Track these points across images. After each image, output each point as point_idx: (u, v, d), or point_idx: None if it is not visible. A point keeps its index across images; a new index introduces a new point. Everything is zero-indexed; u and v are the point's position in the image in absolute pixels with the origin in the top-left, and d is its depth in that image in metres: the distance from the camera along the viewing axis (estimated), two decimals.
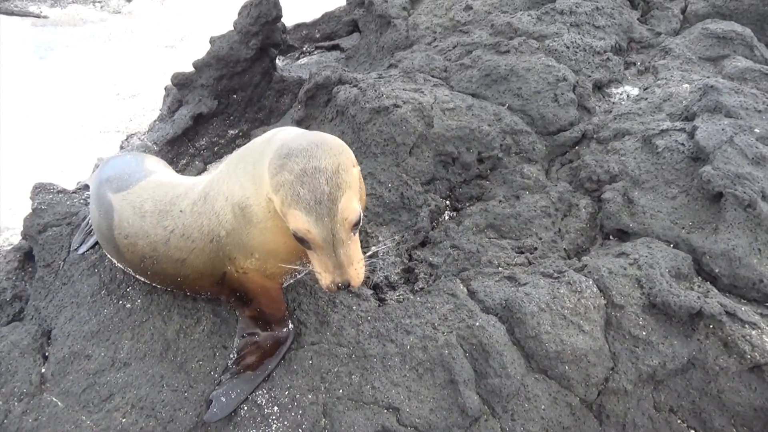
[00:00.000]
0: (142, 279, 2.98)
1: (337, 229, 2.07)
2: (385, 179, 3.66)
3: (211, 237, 2.58)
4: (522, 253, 3.27)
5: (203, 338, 2.82)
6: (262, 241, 2.46)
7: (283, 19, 5.90)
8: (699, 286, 2.86)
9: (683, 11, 5.12)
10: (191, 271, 2.70)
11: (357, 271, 2.14)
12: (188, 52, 7.94)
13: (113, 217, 2.86)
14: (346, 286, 2.13)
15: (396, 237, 3.53)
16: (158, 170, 3.08)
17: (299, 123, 4.84)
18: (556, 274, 2.92)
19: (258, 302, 2.69)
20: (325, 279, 2.14)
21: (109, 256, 3.12)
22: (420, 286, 3.20)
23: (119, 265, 3.07)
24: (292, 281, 2.88)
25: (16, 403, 2.68)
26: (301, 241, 2.13)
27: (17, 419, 2.63)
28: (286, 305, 2.78)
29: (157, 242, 2.71)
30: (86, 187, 4.12)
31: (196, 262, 2.66)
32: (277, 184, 2.12)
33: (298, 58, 7.14)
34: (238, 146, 6.10)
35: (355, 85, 4.18)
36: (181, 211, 2.68)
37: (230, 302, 2.80)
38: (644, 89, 4.26)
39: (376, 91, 3.99)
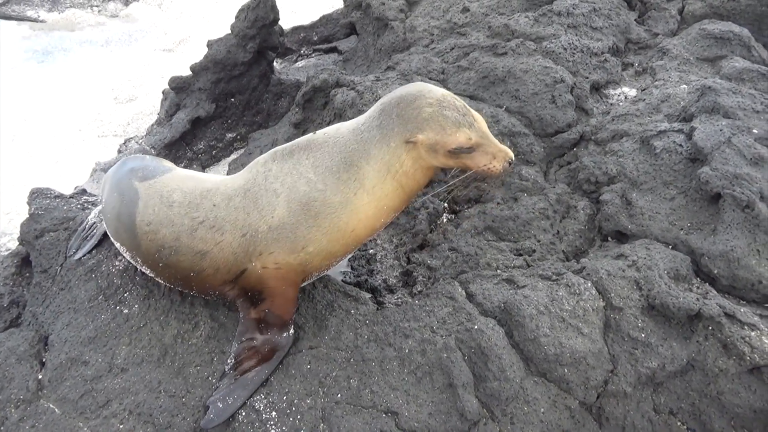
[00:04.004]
0: (148, 271, 2.94)
1: (484, 126, 2.56)
2: None
3: (244, 231, 2.64)
4: (520, 255, 3.26)
5: (201, 343, 2.81)
6: (326, 232, 2.60)
7: (280, 22, 5.91)
8: (698, 288, 2.85)
9: (680, 12, 5.12)
10: (209, 264, 2.70)
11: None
12: (186, 56, 7.96)
13: (137, 204, 2.87)
14: (512, 162, 2.58)
15: (394, 240, 3.52)
16: (178, 168, 3.17)
17: (297, 126, 4.84)
18: (554, 277, 2.91)
19: (271, 302, 2.69)
20: (498, 163, 2.55)
21: (118, 245, 3.06)
22: (418, 290, 3.20)
23: (127, 255, 3.02)
24: (309, 282, 2.88)
25: (12, 410, 2.67)
26: (460, 151, 2.51)
27: (14, 426, 2.61)
28: (296, 309, 2.78)
29: (182, 232, 2.73)
30: (83, 191, 4.11)
31: (218, 256, 2.68)
32: (423, 122, 2.50)
33: (295, 61, 7.15)
34: (236, 149, 6.10)
35: (353, 88, 4.18)
36: (214, 204, 2.73)
37: (237, 302, 2.78)
38: (642, 90, 4.25)
39: (373, 93, 3.99)
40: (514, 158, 2.57)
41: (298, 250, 2.61)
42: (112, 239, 3.12)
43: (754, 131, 3.27)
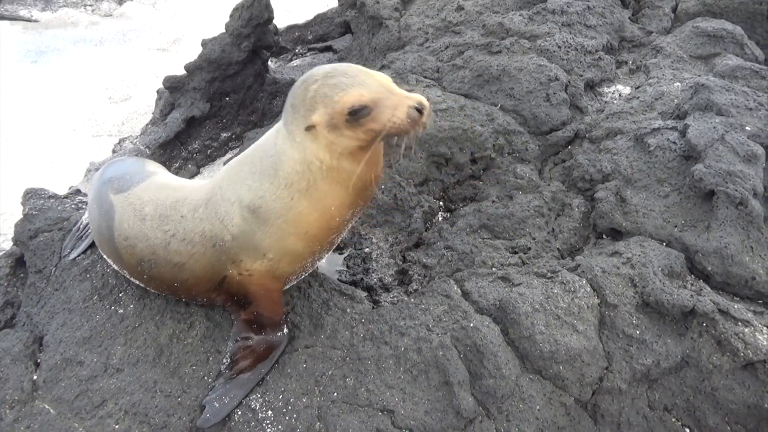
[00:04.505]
0: (137, 282, 2.96)
1: (384, 81, 2.27)
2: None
3: (213, 242, 2.59)
4: (516, 253, 3.27)
5: (196, 343, 2.81)
6: (280, 237, 2.49)
7: (275, 21, 5.89)
8: (692, 285, 2.87)
9: (674, 10, 5.14)
10: (189, 275, 2.69)
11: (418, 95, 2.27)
12: (180, 55, 7.94)
13: (114, 219, 2.85)
14: (421, 108, 2.22)
15: (389, 238, 3.53)
16: (159, 172, 3.10)
17: None
18: (549, 274, 2.92)
19: (257, 305, 2.68)
20: (401, 112, 2.21)
21: (105, 257, 3.09)
22: (414, 288, 3.20)
23: (115, 266, 3.04)
24: (295, 282, 2.87)
25: (7, 411, 2.66)
26: (359, 115, 2.22)
27: (9, 427, 2.60)
28: (284, 308, 2.77)
29: (156, 245, 2.70)
30: (78, 192, 4.10)
31: (195, 267, 2.65)
32: (311, 101, 2.28)
33: (290, 60, 7.14)
34: (231, 149, 6.09)
35: None
36: (182, 216, 2.67)
37: (226, 306, 2.78)
38: (636, 88, 4.26)
39: None
40: (425, 103, 2.24)
41: (260, 257, 2.55)
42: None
43: (747, 128, 3.28)
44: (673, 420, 2.58)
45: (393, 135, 2.28)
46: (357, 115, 2.23)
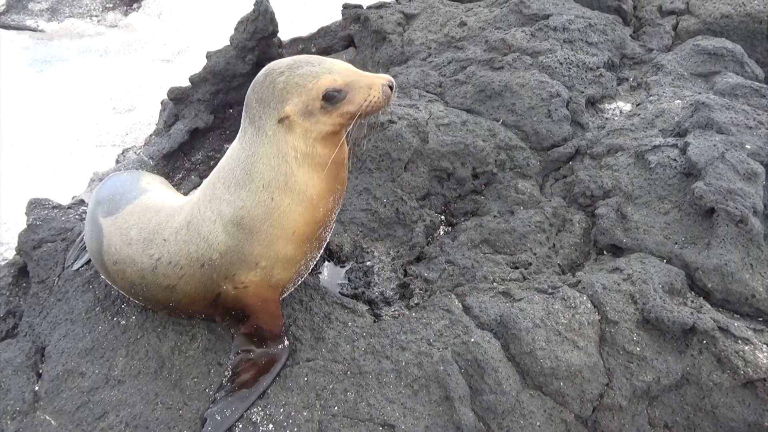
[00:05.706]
0: (137, 302, 2.97)
1: (348, 66, 2.40)
2: (381, 195, 3.68)
3: (201, 262, 2.59)
4: (517, 268, 3.28)
5: (198, 355, 2.81)
6: (269, 243, 2.51)
7: (279, 34, 5.94)
8: (692, 302, 2.88)
9: (675, 28, 5.19)
10: (182, 296, 2.70)
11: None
12: (185, 67, 7.99)
13: (102, 243, 2.85)
14: (392, 85, 2.38)
15: (391, 252, 3.54)
16: (151, 189, 3.06)
17: None
18: (550, 290, 2.93)
19: (256, 318, 2.68)
20: (377, 91, 2.36)
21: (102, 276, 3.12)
22: (415, 302, 3.21)
23: (113, 286, 3.07)
24: (293, 289, 2.88)
25: (9, 422, 2.66)
26: (334, 98, 2.33)
27: None
28: (283, 320, 2.78)
29: (144, 270, 2.70)
30: (81, 202, 4.13)
31: (186, 288, 2.66)
32: (282, 92, 2.33)
33: None
34: None
35: None
36: (164, 239, 2.67)
37: (225, 321, 2.79)
38: (637, 105, 4.30)
39: None
40: (393, 81, 2.39)
41: (253, 268, 2.56)
42: None
43: (747, 147, 3.31)
44: None
45: (366, 115, 2.39)
46: (332, 99, 2.33)
